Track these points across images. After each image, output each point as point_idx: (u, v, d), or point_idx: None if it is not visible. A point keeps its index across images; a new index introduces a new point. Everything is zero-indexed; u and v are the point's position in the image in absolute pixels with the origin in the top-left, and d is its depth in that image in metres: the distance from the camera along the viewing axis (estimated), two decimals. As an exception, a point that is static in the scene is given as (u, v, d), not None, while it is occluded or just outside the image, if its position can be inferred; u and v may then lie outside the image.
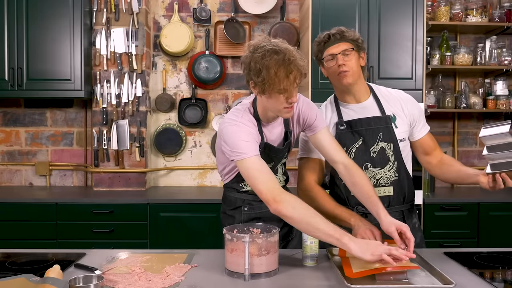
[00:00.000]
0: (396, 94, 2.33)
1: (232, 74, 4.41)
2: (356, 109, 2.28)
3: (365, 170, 2.21)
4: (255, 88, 1.95)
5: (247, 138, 1.96)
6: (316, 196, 2.21)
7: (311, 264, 1.94)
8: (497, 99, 4.17)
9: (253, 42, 1.96)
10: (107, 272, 1.81)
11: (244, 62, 1.96)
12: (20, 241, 3.62)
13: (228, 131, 2.00)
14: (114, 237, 3.65)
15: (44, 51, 3.93)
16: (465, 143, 4.48)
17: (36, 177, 4.44)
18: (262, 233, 1.89)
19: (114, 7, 4.09)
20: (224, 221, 2.34)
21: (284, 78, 1.86)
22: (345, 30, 2.20)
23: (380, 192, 2.22)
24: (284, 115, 2.01)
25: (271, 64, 1.85)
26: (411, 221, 2.31)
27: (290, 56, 1.86)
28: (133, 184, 4.15)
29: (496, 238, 3.70)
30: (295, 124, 2.21)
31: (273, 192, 1.84)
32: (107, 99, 4.10)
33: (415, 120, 2.29)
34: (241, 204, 2.26)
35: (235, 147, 1.95)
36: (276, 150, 2.16)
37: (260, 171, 1.91)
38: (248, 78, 1.96)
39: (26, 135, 4.42)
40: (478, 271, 1.86)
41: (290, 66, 1.85)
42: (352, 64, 2.17)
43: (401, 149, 2.24)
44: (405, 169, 2.26)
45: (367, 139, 2.23)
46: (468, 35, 4.44)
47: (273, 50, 1.87)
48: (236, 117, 2.04)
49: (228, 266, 1.83)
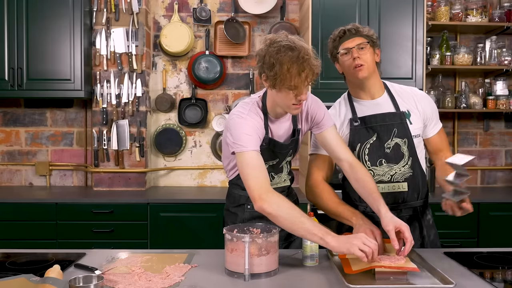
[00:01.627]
0: (410, 91, 2.33)
1: (232, 74, 4.42)
2: (370, 105, 2.28)
3: (379, 166, 2.22)
4: (266, 81, 1.97)
5: (250, 132, 1.98)
6: (322, 192, 2.23)
7: (311, 264, 1.94)
8: (497, 99, 4.16)
9: (270, 36, 1.98)
10: (107, 272, 1.81)
11: (259, 54, 1.98)
12: (20, 241, 3.62)
13: (234, 123, 2.02)
14: (114, 237, 3.65)
15: (44, 51, 3.93)
16: (465, 143, 4.48)
17: (36, 177, 4.44)
18: (262, 233, 1.89)
19: (114, 7, 4.09)
20: (227, 218, 2.35)
21: (296, 75, 1.87)
22: (360, 26, 2.22)
23: (395, 188, 2.22)
24: (292, 111, 2.03)
25: (285, 60, 1.87)
26: (426, 218, 2.31)
27: (305, 54, 1.88)
28: (133, 184, 4.15)
29: (496, 238, 3.70)
30: (303, 122, 2.22)
31: (261, 189, 1.86)
32: (107, 99, 4.11)
33: (428, 118, 2.29)
34: (244, 201, 2.26)
35: (237, 139, 1.97)
36: (281, 146, 2.17)
37: (254, 166, 1.92)
38: (261, 71, 1.97)
39: (26, 135, 4.42)
40: (478, 271, 1.86)
41: (303, 64, 1.87)
42: (367, 58, 2.17)
43: (416, 145, 2.24)
44: (419, 165, 2.25)
45: (382, 135, 2.23)
46: (468, 35, 4.44)
47: (289, 46, 1.89)
48: (244, 109, 2.06)
49: (228, 266, 1.83)
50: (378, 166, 2.22)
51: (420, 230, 2.28)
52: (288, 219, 1.81)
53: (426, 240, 2.28)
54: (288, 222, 1.81)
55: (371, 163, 2.23)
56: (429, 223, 2.32)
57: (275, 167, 2.23)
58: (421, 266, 1.87)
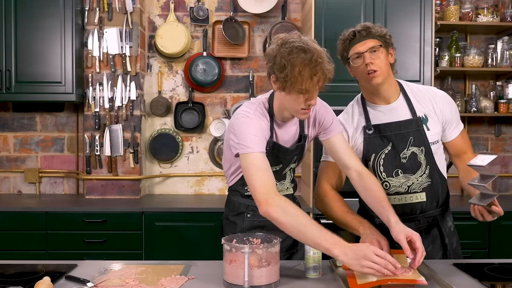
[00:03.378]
0: (427, 92, 2.28)
1: (231, 77, 4.43)
2: (385, 110, 2.25)
3: (395, 176, 2.21)
4: (275, 83, 1.97)
5: (256, 133, 1.99)
6: (330, 201, 2.24)
7: (314, 276, 1.95)
8: (509, 103, 4.17)
9: (282, 35, 1.98)
10: (99, 284, 1.82)
11: (269, 54, 1.97)
12: (9, 251, 3.61)
13: (239, 122, 2.03)
14: (107, 248, 3.65)
15: (33, 53, 3.94)
16: (476, 149, 4.48)
17: (25, 184, 4.44)
18: (263, 244, 1.89)
19: (107, 6, 4.11)
20: (226, 228, 2.34)
21: (308, 78, 1.88)
22: (371, 26, 2.16)
23: (412, 199, 2.22)
24: (300, 116, 2.03)
25: (297, 62, 1.86)
26: (447, 225, 2.29)
27: (318, 57, 1.88)
28: (127, 192, 4.15)
29: (508, 249, 3.70)
30: (310, 127, 2.22)
31: (267, 193, 1.87)
32: (100, 103, 4.11)
33: (447, 121, 2.25)
34: (244, 210, 2.27)
35: (242, 140, 1.97)
36: (286, 151, 2.17)
37: (260, 168, 1.93)
38: (271, 72, 1.97)
39: (14, 141, 4.43)
40: (489, 284, 1.86)
41: (316, 68, 1.87)
42: (380, 62, 2.14)
43: (433, 151, 2.21)
44: (438, 173, 2.23)
45: (397, 144, 2.21)
46: (478, 35, 4.45)
47: (302, 48, 1.88)
48: (250, 109, 2.06)
49: (227, 278, 1.83)
50: (394, 177, 2.21)
51: (441, 239, 2.26)
52: (295, 226, 1.82)
53: (448, 248, 2.26)
54: (294, 230, 1.82)
55: (387, 174, 2.22)
56: (450, 230, 2.30)
57: (278, 173, 2.22)
58: (430, 278, 1.88)
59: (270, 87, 4.60)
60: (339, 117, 2.33)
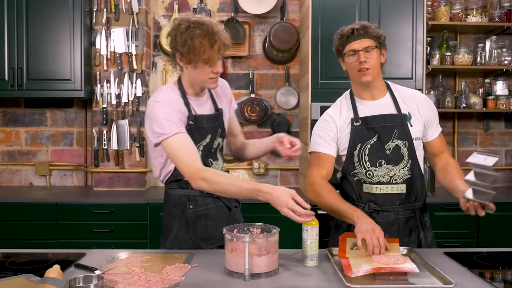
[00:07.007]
0: (413, 94, 2.33)
1: (232, 74, 4.41)
2: (372, 106, 2.27)
3: (379, 167, 2.21)
4: (181, 60, 2.07)
5: (168, 116, 2.04)
6: (322, 190, 2.22)
7: (311, 264, 1.94)
8: (497, 99, 4.17)
9: (178, 17, 2.10)
10: (107, 272, 1.81)
11: (170, 34, 2.07)
12: (20, 241, 3.62)
13: (150, 110, 2.10)
14: (114, 237, 3.65)
15: (44, 51, 3.93)
16: (465, 143, 4.48)
17: (36, 177, 4.44)
18: (262, 233, 1.89)
19: (114, 7, 4.10)
20: (169, 226, 2.29)
21: (209, 48, 1.99)
22: (368, 26, 2.19)
23: (393, 189, 2.22)
24: (209, 85, 2.13)
25: (196, 35, 1.98)
26: (423, 220, 2.30)
27: (214, 27, 2.01)
28: (133, 184, 4.15)
29: (496, 238, 3.70)
30: (222, 98, 2.33)
31: (194, 168, 1.96)
32: (107, 99, 4.11)
33: (429, 122, 2.30)
34: (185, 201, 2.24)
35: (157, 127, 2.03)
36: (207, 118, 2.21)
37: (182, 147, 2.00)
38: (175, 51, 2.07)
39: (26, 135, 4.42)
40: (478, 271, 1.86)
41: (214, 37, 2.00)
42: (373, 61, 2.17)
43: (415, 147, 2.24)
44: (418, 168, 2.25)
45: (382, 136, 2.22)
46: (468, 35, 4.44)
47: (198, 22, 2.01)
48: (157, 93, 2.15)
49: (228, 266, 1.83)
50: (377, 167, 2.22)
51: (417, 233, 2.27)
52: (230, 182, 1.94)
53: (423, 242, 2.27)
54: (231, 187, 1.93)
55: (371, 164, 2.22)
56: (426, 225, 2.32)
57: (209, 147, 2.23)
58: (421, 266, 1.87)
59: (270, 84, 4.60)
60: (328, 111, 2.35)
